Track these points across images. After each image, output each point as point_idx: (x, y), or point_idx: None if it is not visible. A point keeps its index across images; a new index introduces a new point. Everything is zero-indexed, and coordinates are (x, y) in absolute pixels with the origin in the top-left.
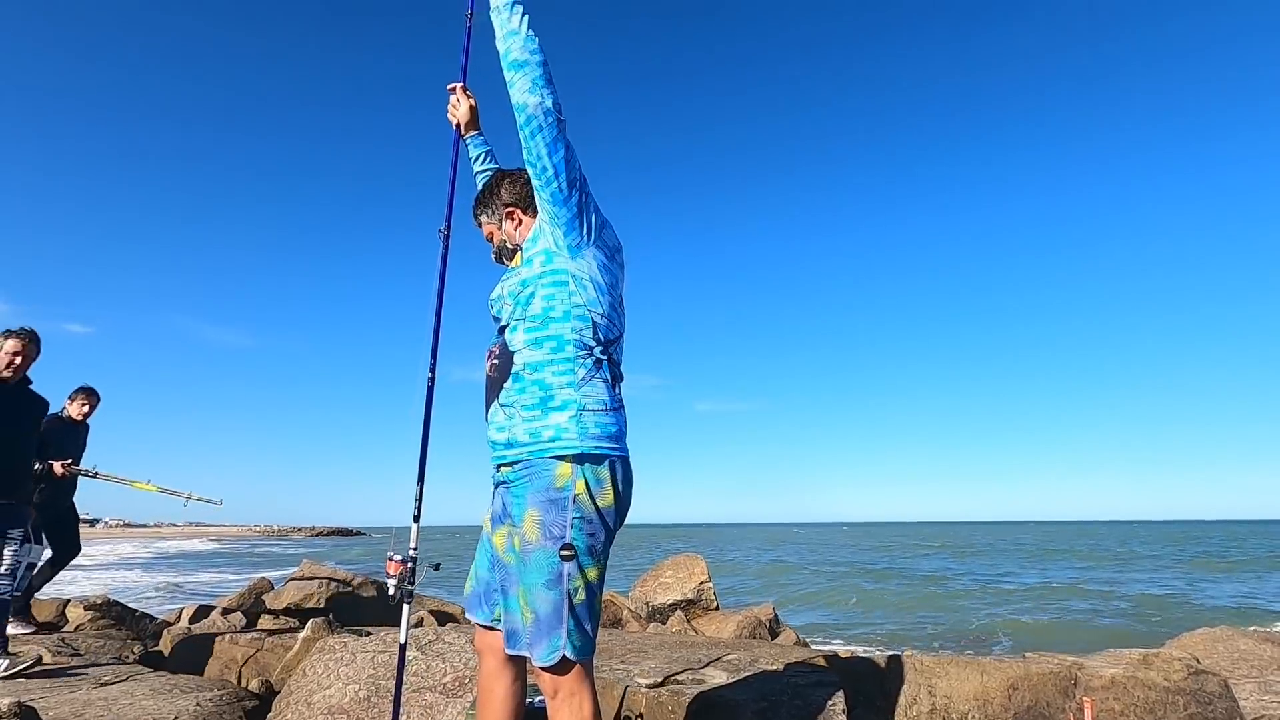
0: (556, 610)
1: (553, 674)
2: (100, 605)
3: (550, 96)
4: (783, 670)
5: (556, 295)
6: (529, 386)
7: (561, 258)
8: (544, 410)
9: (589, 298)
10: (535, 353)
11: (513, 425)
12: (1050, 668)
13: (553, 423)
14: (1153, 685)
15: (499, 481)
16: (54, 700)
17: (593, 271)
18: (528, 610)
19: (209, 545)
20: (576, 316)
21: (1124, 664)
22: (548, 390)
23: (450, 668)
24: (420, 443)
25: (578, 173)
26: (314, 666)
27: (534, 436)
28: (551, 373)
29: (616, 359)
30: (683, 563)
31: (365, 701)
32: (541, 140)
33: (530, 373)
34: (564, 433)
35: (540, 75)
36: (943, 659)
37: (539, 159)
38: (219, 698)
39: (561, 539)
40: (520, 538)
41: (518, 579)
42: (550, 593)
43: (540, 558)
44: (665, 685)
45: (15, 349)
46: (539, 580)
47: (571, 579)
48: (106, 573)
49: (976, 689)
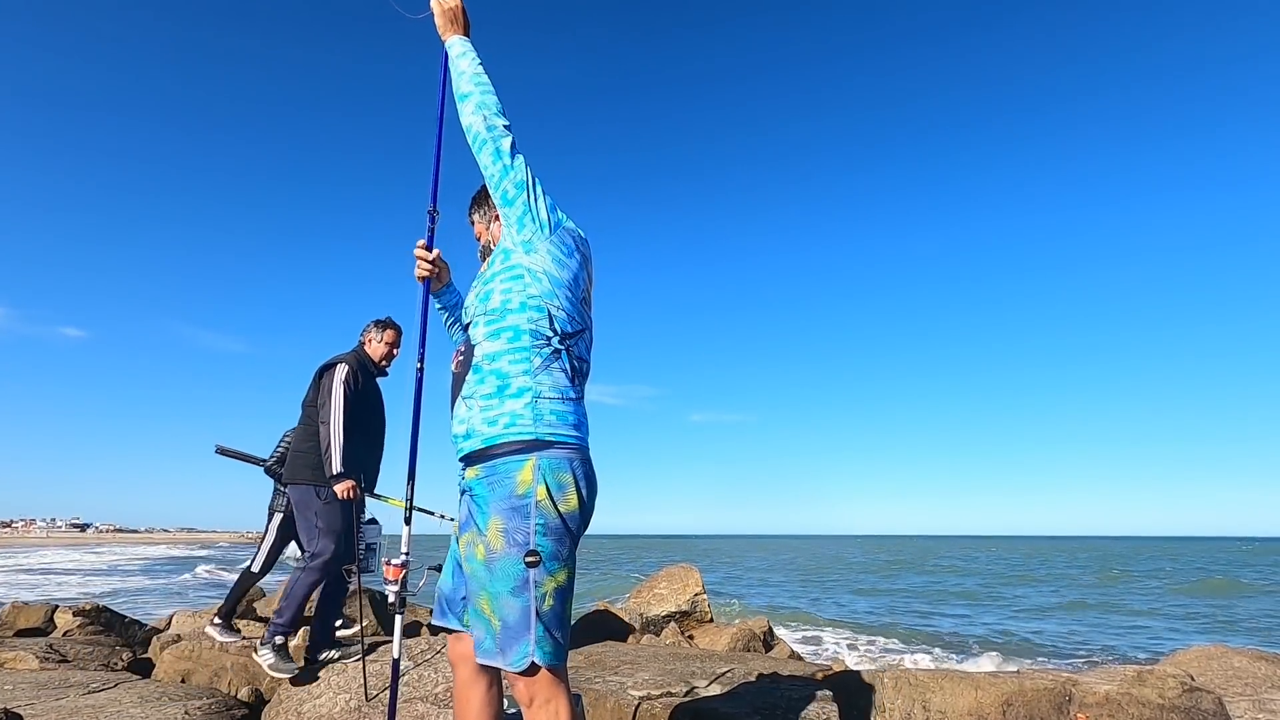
0: (524, 617)
1: (526, 681)
2: (89, 611)
3: (489, 117)
4: (777, 683)
5: (513, 288)
6: (487, 376)
7: (517, 254)
8: (500, 398)
9: (544, 289)
10: (493, 344)
11: (471, 415)
12: (1044, 683)
13: (508, 409)
14: (1147, 702)
15: (463, 489)
16: (41, 707)
17: (547, 265)
18: (495, 618)
19: (200, 551)
20: (533, 307)
21: (1119, 680)
22: (504, 379)
23: (442, 677)
24: (410, 439)
25: (523, 175)
26: (304, 675)
27: (490, 424)
28: (508, 361)
29: (578, 353)
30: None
31: (355, 711)
32: (485, 153)
33: (488, 363)
34: (519, 419)
35: (481, 100)
36: (937, 673)
37: (484, 168)
38: (208, 706)
39: (526, 545)
40: (485, 546)
41: (484, 587)
42: (517, 600)
43: (505, 565)
44: (658, 698)
45: (393, 340)
46: (505, 588)
47: (538, 585)
48: (96, 578)
49: (971, 704)
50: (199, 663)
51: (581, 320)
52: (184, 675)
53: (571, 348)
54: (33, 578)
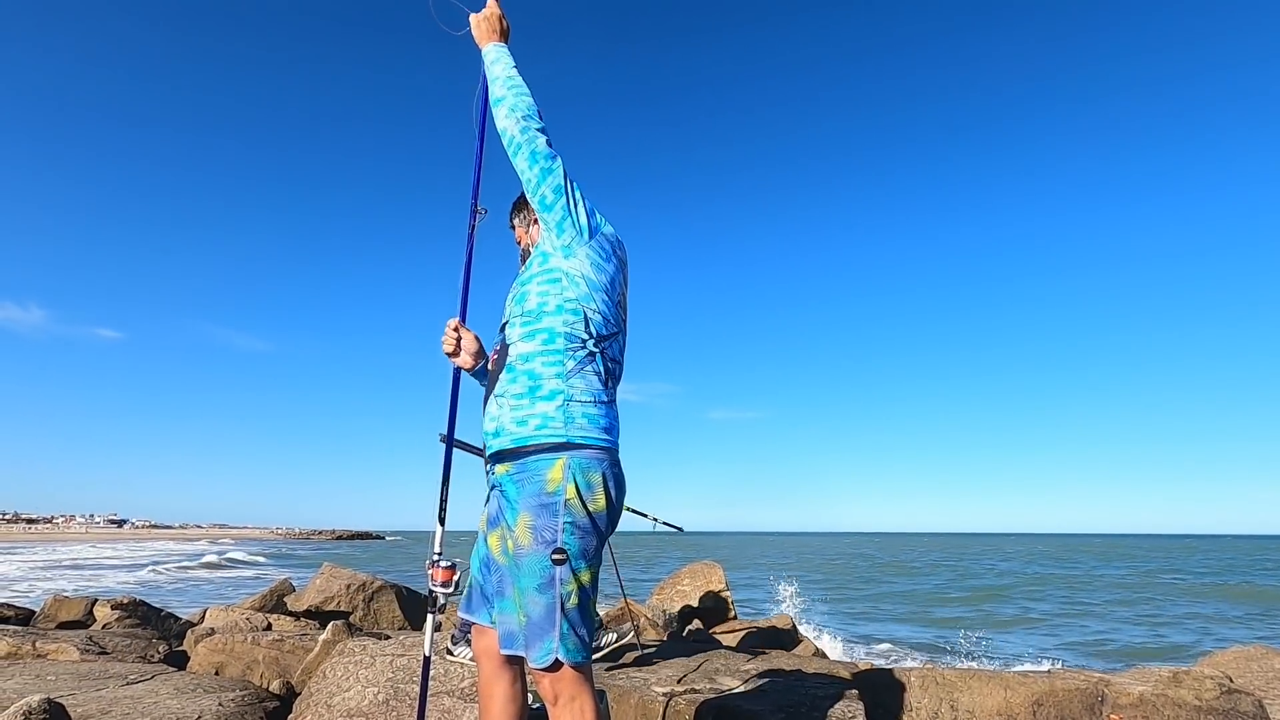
0: (549, 613)
1: (550, 678)
2: (127, 605)
3: (522, 119)
4: (800, 681)
5: (549, 291)
6: (519, 376)
7: (555, 257)
8: (531, 399)
9: (581, 293)
10: (528, 345)
11: (501, 414)
12: (1076, 683)
13: (539, 411)
14: (1183, 704)
15: (493, 484)
16: (82, 697)
17: (585, 269)
18: (521, 613)
19: (233, 547)
20: (569, 310)
21: (1153, 681)
22: (536, 380)
23: (468, 672)
24: (446, 438)
25: (560, 179)
26: (334, 669)
27: (520, 424)
28: (541, 363)
29: (612, 355)
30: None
31: (384, 705)
32: (520, 157)
33: (521, 363)
34: (550, 421)
35: (514, 103)
36: (965, 673)
37: (521, 173)
38: (241, 698)
39: (553, 543)
40: (513, 541)
41: (512, 581)
42: (542, 596)
43: (532, 561)
44: (683, 694)
45: None
46: (531, 584)
47: (564, 583)
48: (133, 573)
49: (1000, 704)
50: (232, 656)
51: (616, 323)
52: (218, 668)
53: (606, 350)
54: (73, 572)
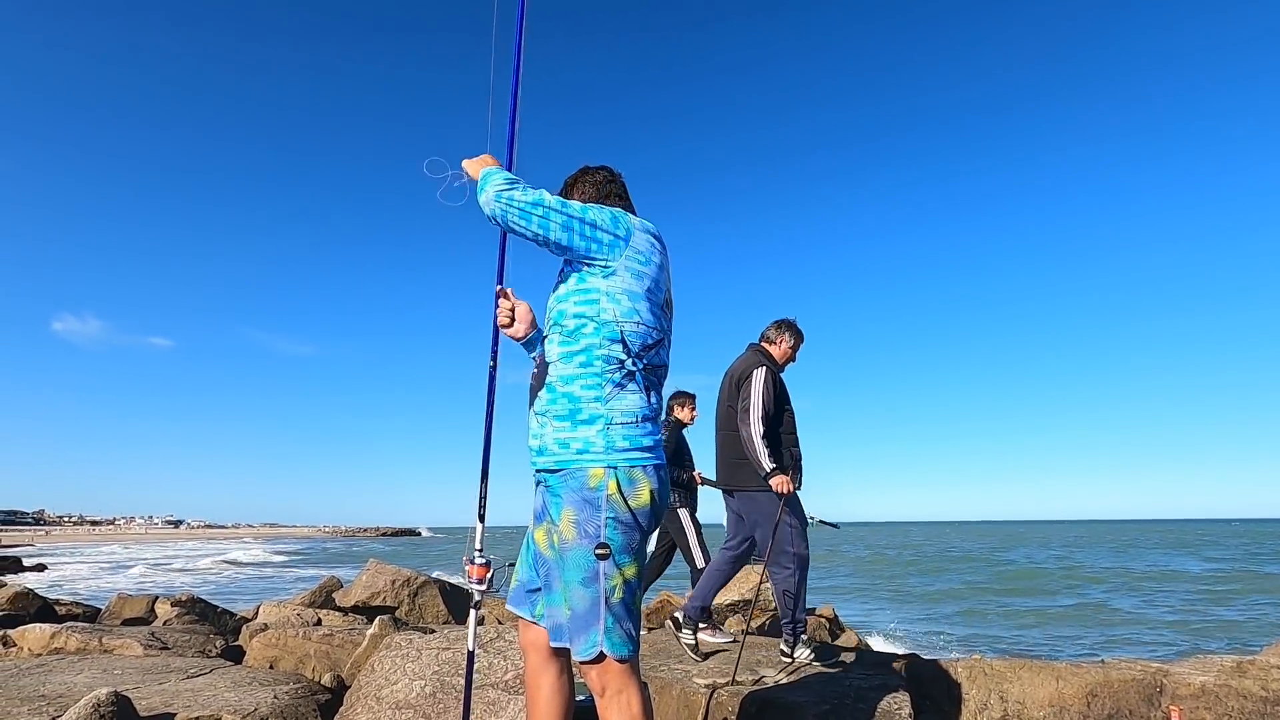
0: (593, 607)
1: (597, 670)
2: (185, 602)
3: (495, 184)
4: (844, 672)
5: (586, 312)
6: (560, 398)
7: (594, 277)
8: (573, 423)
9: (622, 309)
10: (566, 366)
11: (544, 433)
12: (1133, 674)
13: (581, 435)
14: (1248, 694)
15: (538, 480)
16: (146, 690)
17: (626, 284)
18: (567, 606)
19: (283, 546)
20: (607, 334)
21: (1215, 671)
22: (576, 403)
23: (511, 665)
24: (484, 436)
25: (561, 214)
26: (381, 662)
27: (563, 446)
28: (580, 386)
29: (654, 363)
30: None
31: (431, 697)
32: (512, 219)
33: (562, 385)
34: (592, 446)
35: (484, 176)
36: (1014, 663)
37: (527, 237)
38: (295, 691)
39: (596, 538)
40: (559, 535)
41: (559, 575)
42: (587, 590)
43: (577, 556)
44: (725, 686)
45: (798, 344)
46: (576, 578)
47: (608, 578)
48: (190, 572)
49: (1051, 695)
50: (285, 650)
51: (660, 328)
52: (272, 661)
53: (649, 361)
54: (134, 571)
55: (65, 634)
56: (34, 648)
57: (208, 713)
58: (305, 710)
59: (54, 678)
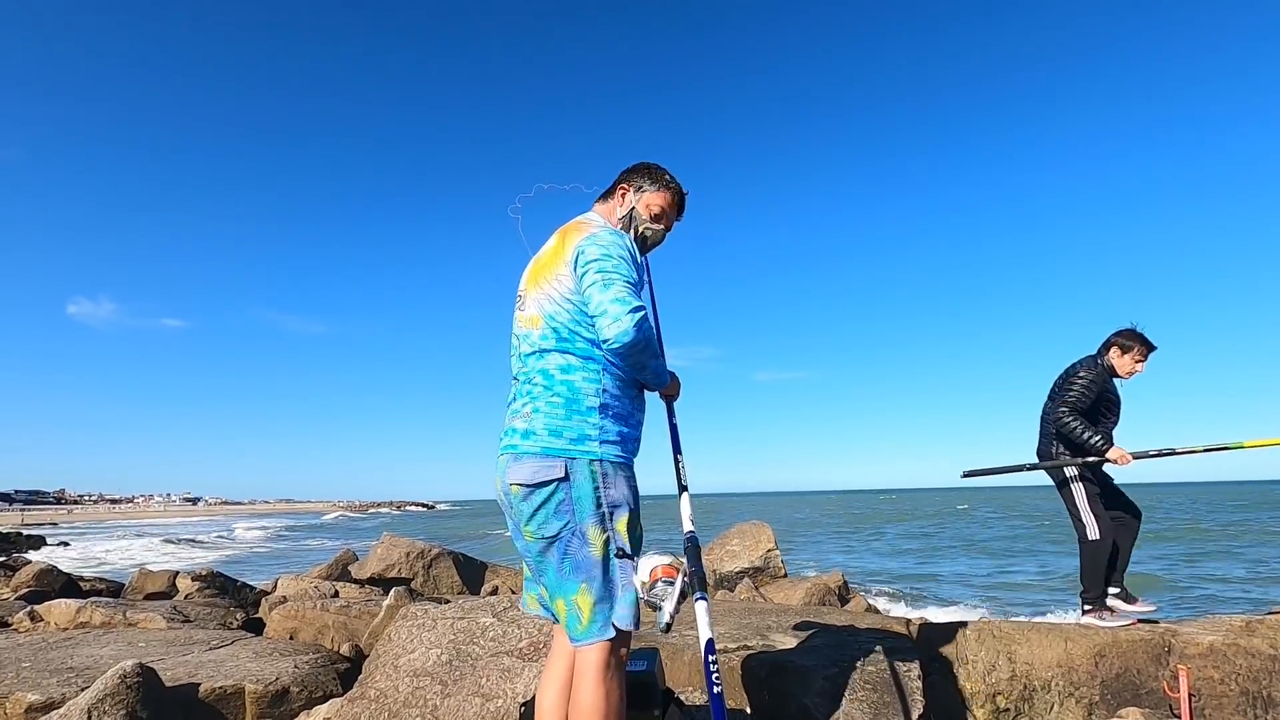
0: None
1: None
2: (206, 576)
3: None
4: (853, 636)
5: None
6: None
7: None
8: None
9: None
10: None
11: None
12: (1141, 634)
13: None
14: (1257, 653)
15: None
16: (170, 662)
17: None
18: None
19: (299, 520)
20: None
21: (1224, 631)
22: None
23: (525, 633)
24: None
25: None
26: (398, 632)
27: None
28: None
29: None
30: (749, 530)
31: (447, 665)
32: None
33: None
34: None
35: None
36: (1022, 624)
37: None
38: (314, 660)
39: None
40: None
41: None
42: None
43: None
44: (735, 650)
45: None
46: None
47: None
48: (209, 547)
49: (1060, 656)
50: (304, 621)
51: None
52: (291, 633)
53: None
54: (155, 546)
55: (90, 609)
56: (60, 623)
57: (231, 682)
58: (325, 679)
59: (81, 651)
